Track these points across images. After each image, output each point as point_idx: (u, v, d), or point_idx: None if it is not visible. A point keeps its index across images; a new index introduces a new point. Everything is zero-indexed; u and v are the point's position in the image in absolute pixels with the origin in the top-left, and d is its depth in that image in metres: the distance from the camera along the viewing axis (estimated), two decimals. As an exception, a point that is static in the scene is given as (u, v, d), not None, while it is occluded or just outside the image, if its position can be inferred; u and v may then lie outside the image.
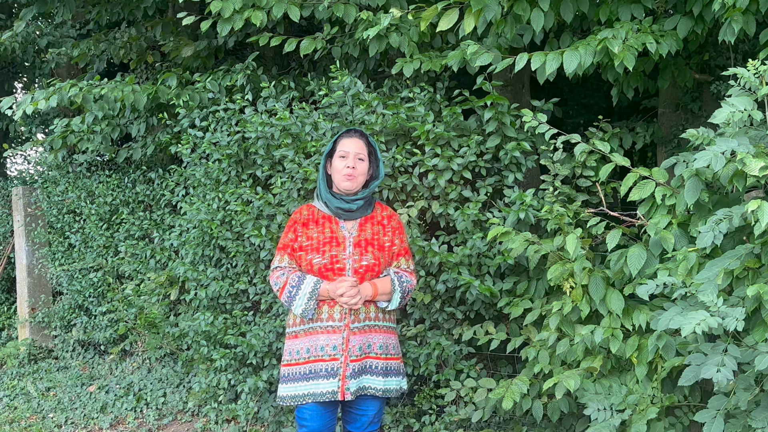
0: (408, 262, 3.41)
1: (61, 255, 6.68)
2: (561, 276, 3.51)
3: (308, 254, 3.26)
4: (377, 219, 3.40)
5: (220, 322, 4.43)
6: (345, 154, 3.33)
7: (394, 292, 3.29)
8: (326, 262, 3.23)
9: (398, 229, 3.42)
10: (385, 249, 3.34)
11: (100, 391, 5.54)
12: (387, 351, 3.33)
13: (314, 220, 3.35)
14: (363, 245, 3.29)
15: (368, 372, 3.27)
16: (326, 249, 3.26)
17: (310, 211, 3.39)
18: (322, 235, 3.29)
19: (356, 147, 3.35)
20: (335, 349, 3.21)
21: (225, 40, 5.90)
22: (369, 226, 3.36)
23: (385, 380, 3.31)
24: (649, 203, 3.44)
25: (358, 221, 3.35)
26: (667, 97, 5.02)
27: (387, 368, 3.33)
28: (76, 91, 5.22)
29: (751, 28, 3.30)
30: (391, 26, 4.28)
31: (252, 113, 4.48)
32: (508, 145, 4.00)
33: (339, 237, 3.29)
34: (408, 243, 3.47)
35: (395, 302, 3.30)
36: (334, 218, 3.35)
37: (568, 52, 3.57)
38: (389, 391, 3.33)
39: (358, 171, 3.32)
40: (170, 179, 5.35)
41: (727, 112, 2.85)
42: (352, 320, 3.23)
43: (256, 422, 4.63)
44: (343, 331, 3.21)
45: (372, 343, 3.29)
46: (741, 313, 2.60)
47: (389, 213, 3.45)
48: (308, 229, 3.32)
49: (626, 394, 3.27)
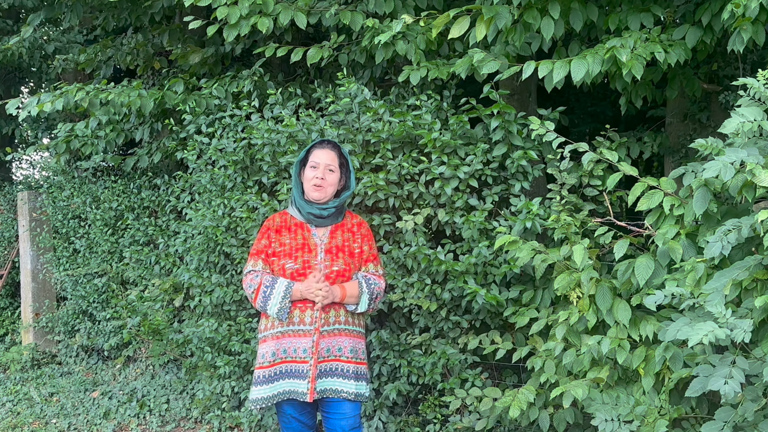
0: (376, 267, 3.50)
1: (65, 260, 6.67)
2: (568, 285, 3.50)
3: (281, 259, 3.36)
4: (347, 226, 3.49)
5: (224, 329, 4.42)
6: (316, 164, 3.40)
7: (362, 294, 3.37)
8: (299, 267, 3.33)
9: (367, 236, 3.52)
10: (355, 255, 3.44)
11: (104, 397, 5.52)
12: (357, 355, 3.42)
13: (287, 227, 3.44)
14: (334, 252, 3.38)
15: (339, 375, 3.34)
16: (299, 255, 3.35)
17: (282, 218, 3.48)
18: (295, 242, 3.38)
19: (327, 158, 3.42)
20: (305, 352, 3.29)
21: (232, 47, 5.91)
22: (339, 234, 3.44)
23: (356, 384, 3.39)
24: (657, 213, 3.43)
25: (329, 229, 3.44)
26: (675, 106, 5.00)
27: (357, 372, 3.40)
28: (83, 94, 5.22)
29: (761, 38, 3.28)
30: (398, 34, 4.28)
31: (258, 120, 4.48)
32: (514, 154, 3.99)
33: (311, 244, 3.38)
34: (375, 249, 3.55)
35: (364, 304, 3.39)
36: (306, 225, 3.43)
37: (576, 61, 3.56)
38: (360, 396, 3.41)
39: (327, 182, 3.39)
40: (176, 185, 5.34)
41: (736, 122, 2.83)
42: (323, 324, 3.32)
43: (260, 430, 4.61)
44: (313, 335, 3.30)
45: (342, 346, 3.37)
46: (749, 324, 2.58)
47: (359, 221, 3.55)
48: (281, 236, 3.41)
49: (634, 405, 3.25)
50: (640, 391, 3.31)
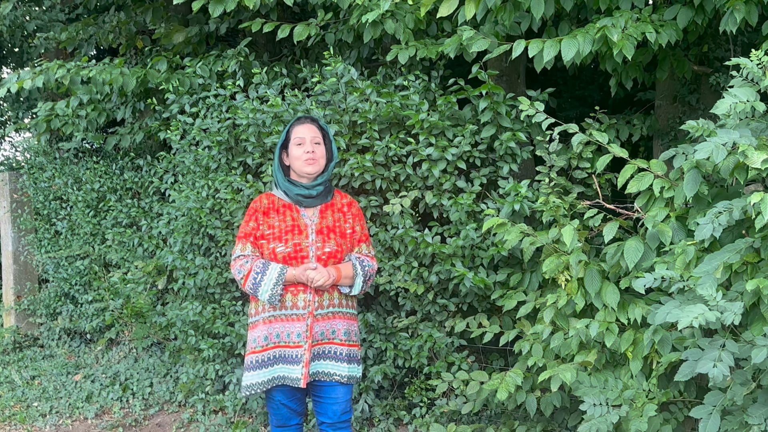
0: (369, 247, 3.43)
1: (47, 242, 6.59)
2: (556, 268, 3.47)
3: (270, 243, 3.26)
4: (337, 206, 3.41)
5: (208, 312, 4.38)
6: (301, 140, 3.32)
7: (356, 276, 3.30)
8: (290, 250, 3.23)
9: (358, 216, 3.44)
10: (347, 236, 3.36)
11: (86, 381, 5.47)
12: (350, 338, 3.36)
13: (275, 209, 3.35)
14: (325, 232, 3.30)
15: (331, 358, 3.28)
16: (289, 237, 3.26)
17: (270, 199, 3.39)
18: (284, 224, 3.29)
19: (311, 132, 3.35)
20: (299, 336, 3.22)
21: (217, 26, 5.81)
22: (330, 214, 3.36)
23: (348, 367, 3.33)
24: (647, 195, 3.40)
25: (319, 209, 3.35)
26: (665, 89, 4.97)
27: (350, 355, 3.34)
28: (64, 72, 5.12)
29: (753, 18, 3.25)
30: (387, 12, 4.21)
31: (243, 100, 4.40)
32: (503, 136, 3.95)
33: (301, 225, 3.29)
34: (367, 229, 3.48)
35: (357, 287, 3.32)
36: (294, 206, 3.35)
37: (566, 40, 3.51)
38: (353, 378, 3.35)
39: (317, 154, 3.32)
40: (159, 166, 5.26)
41: (729, 102, 2.79)
42: (316, 307, 3.24)
43: (244, 413, 4.57)
44: (307, 319, 3.23)
45: (336, 329, 3.31)
46: (740, 307, 2.55)
47: (349, 200, 3.46)
48: (269, 218, 3.32)
49: (622, 388, 3.23)
50: (628, 375, 3.30)
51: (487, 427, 3.96)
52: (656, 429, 3.17)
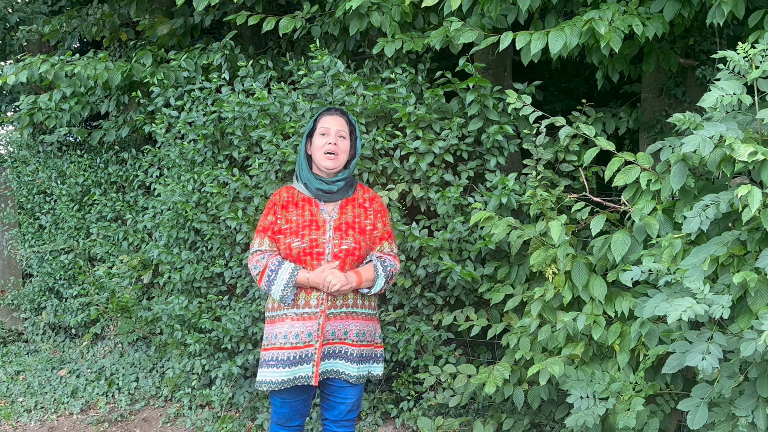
0: (391, 245, 3.31)
1: (31, 236, 6.53)
2: (543, 262, 3.47)
3: (287, 238, 3.16)
4: (359, 201, 3.29)
5: (194, 306, 4.35)
6: (326, 131, 3.21)
7: (377, 278, 3.20)
8: (306, 246, 3.13)
9: (381, 212, 3.31)
10: (366, 232, 3.24)
11: (71, 376, 5.42)
12: (364, 338, 3.25)
13: (294, 203, 3.23)
14: (344, 229, 3.18)
15: (342, 357, 3.20)
16: (305, 233, 3.15)
17: (289, 193, 3.28)
18: (302, 218, 3.18)
19: (337, 124, 3.23)
20: (310, 335, 3.13)
21: (201, 19, 5.76)
22: (350, 209, 3.25)
23: (358, 367, 3.24)
24: (634, 188, 3.40)
25: (339, 203, 3.24)
26: (651, 82, 4.97)
27: (362, 355, 3.25)
28: (48, 66, 5.07)
29: (740, 11, 3.24)
30: (373, 5, 4.18)
31: (229, 93, 4.37)
32: (490, 129, 3.94)
33: (319, 220, 3.18)
34: (390, 226, 3.37)
35: (378, 286, 3.22)
36: (314, 201, 3.23)
37: (553, 32, 3.50)
38: (362, 378, 3.27)
39: (340, 148, 3.20)
40: (144, 160, 5.22)
41: (715, 95, 2.79)
42: (329, 306, 3.15)
43: (231, 408, 4.56)
44: (319, 318, 3.13)
45: (349, 330, 3.21)
46: (728, 300, 2.56)
47: (371, 195, 3.34)
48: (287, 212, 3.21)
49: (609, 381, 3.24)
50: (615, 368, 3.30)
51: (474, 420, 3.96)
52: (643, 422, 3.18)
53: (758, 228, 2.76)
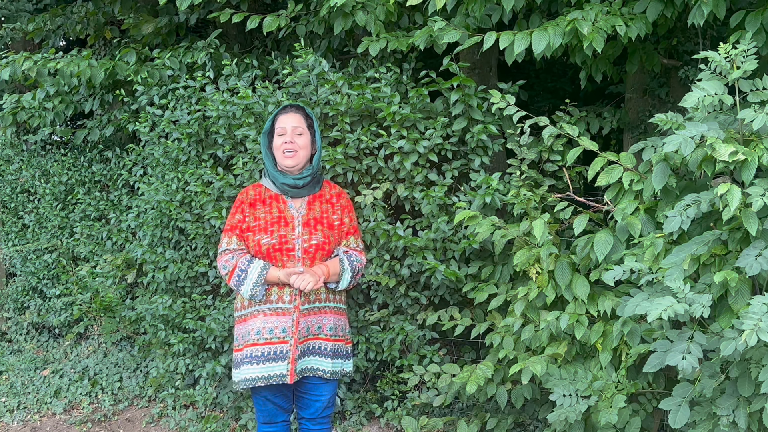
0: (357, 240, 3.40)
1: (14, 235, 6.48)
2: (527, 261, 3.48)
3: (256, 235, 3.21)
4: (326, 197, 3.36)
5: (178, 306, 4.34)
6: (282, 131, 3.29)
7: (343, 271, 3.26)
8: (275, 242, 3.18)
9: (347, 207, 3.40)
10: (335, 227, 3.31)
11: (54, 376, 5.39)
12: (336, 333, 3.31)
13: (261, 200, 3.30)
14: (312, 224, 3.25)
15: (316, 354, 3.24)
16: (274, 229, 3.21)
17: (256, 191, 3.34)
18: (270, 215, 3.24)
19: (293, 121, 3.30)
20: (284, 331, 3.16)
21: (186, 17, 5.74)
22: (318, 205, 3.31)
23: (332, 362, 3.29)
24: (617, 188, 3.42)
25: (306, 200, 3.31)
26: (635, 82, 4.99)
27: (335, 350, 3.29)
28: (30, 64, 5.03)
29: (721, 12, 3.26)
30: (358, 4, 4.18)
31: (213, 91, 4.35)
32: (474, 128, 3.94)
33: (287, 216, 3.23)
34: (356, 221, 3.43)
35: (345, 282, 3.28)
36: (281, 197, 3.30)
37: (537, 32, 3.51)
38: (336, 374, 3.31)
39: (298, 145, 3.27)
40: (128, 158, 5.19)
41: (697, 95, 2.81)
42: (302, 302, 3.18)
43: (215, 408, 4.54)
44: (293, 313, 3.17)
45: (322, 324, 3.27)
46: (708, 299, 2.58)
47: (338, 191, 3.42)
48: (255, 210, 3.27)
49: (591, 380, 3.25)
50: (598, 367, 3.32)
51: (458, 420, 3.96)
52: (625, 420, 3.20)
53: (739, 228, 2.78)
